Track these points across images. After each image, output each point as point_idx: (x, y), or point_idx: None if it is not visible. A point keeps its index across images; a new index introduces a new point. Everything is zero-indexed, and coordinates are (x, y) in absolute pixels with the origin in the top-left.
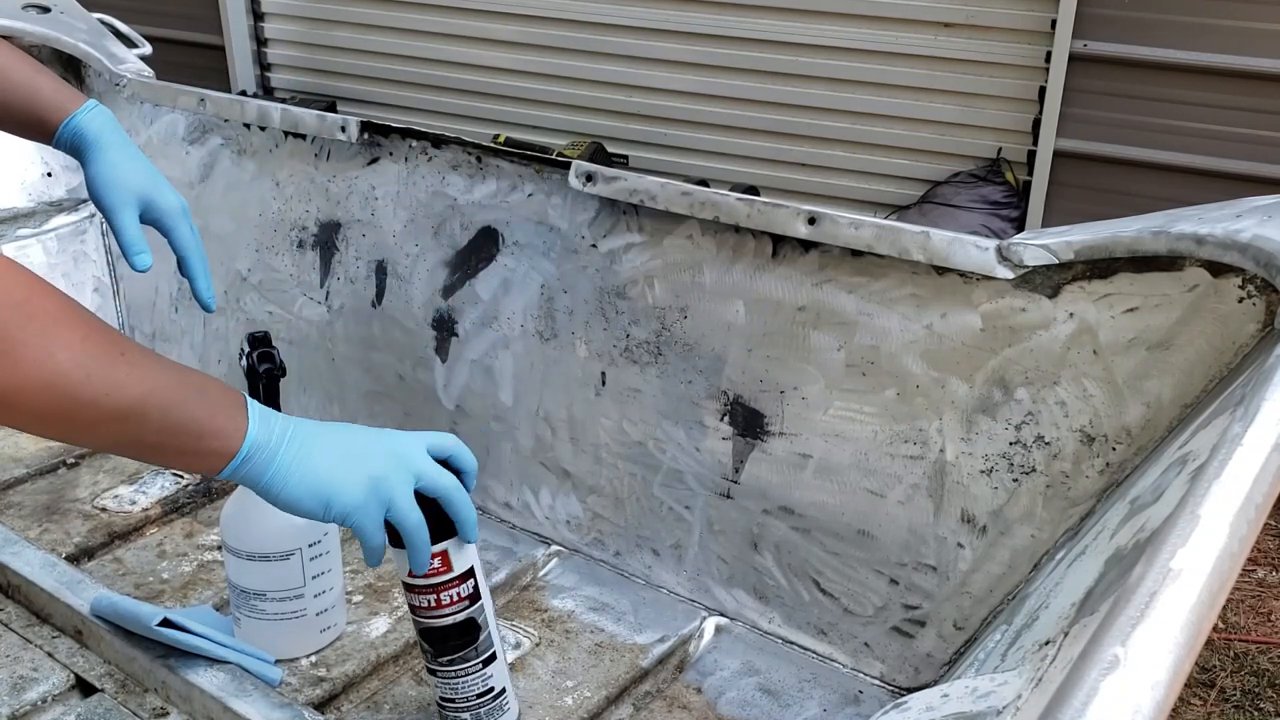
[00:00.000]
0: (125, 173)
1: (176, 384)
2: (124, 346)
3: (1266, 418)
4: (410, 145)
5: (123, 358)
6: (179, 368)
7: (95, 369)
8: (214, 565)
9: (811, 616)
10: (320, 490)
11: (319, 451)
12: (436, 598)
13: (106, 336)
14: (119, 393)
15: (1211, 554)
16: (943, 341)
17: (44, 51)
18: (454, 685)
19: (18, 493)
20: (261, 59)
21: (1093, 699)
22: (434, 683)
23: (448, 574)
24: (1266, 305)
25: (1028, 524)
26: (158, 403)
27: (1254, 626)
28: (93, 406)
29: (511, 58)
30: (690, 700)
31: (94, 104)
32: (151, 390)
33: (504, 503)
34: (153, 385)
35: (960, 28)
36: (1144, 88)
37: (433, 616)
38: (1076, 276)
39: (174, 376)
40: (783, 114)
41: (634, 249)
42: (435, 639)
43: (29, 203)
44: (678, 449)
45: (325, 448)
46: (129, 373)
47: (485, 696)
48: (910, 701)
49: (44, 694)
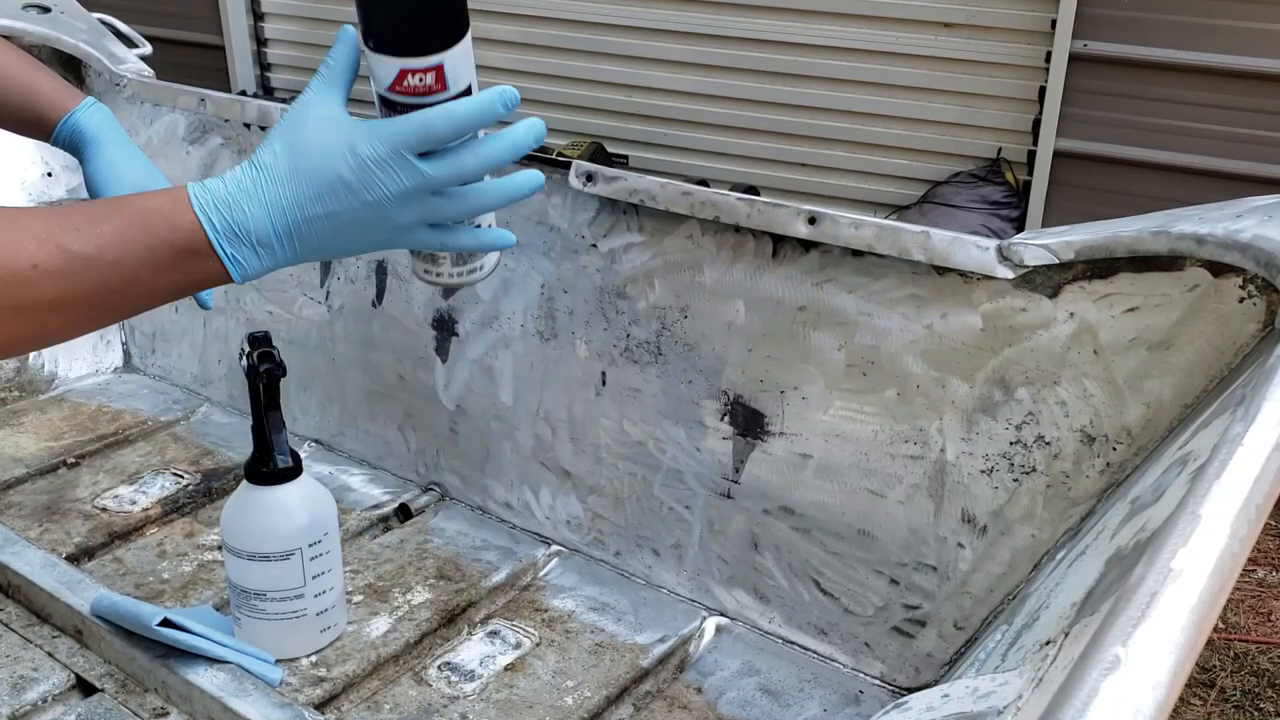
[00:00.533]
0: (124, 170)
1: (113, 272)
2: (31, 256)
3: (1267, 418)
4: None
5: (35, 270)
6: (99, 234)
7: None
8: (214, 565)
9: (812, 616)
10: None
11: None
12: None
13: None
14: (60, 305)
15: (1212, 554)
16: (943, 341)
17: (44, 51)
18: None
19: (18, 493)
20: (261, 59)
21: (1093, 699)
22: None
23: (442, 93)
24: (1267, 305)
25: (1028, 524)
26: (104, 299)
27: (1254, 626)
28: (42, 328)
29: (511, 58)
30: (690, 700)
31: (92, 101)
32: (90, 293)
33: (504, 503)
34: (89, 287)
35: (960, 28)
36: (1144, 88)
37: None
38: (1077, 276)
39: (105, 266)
40: (783, 114)
41: (634, 249)
42: None
43: (29, 202)
44: (678, 449)
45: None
46: (58, 265)
47: None
48: (911, 701)
49: (44, 694)
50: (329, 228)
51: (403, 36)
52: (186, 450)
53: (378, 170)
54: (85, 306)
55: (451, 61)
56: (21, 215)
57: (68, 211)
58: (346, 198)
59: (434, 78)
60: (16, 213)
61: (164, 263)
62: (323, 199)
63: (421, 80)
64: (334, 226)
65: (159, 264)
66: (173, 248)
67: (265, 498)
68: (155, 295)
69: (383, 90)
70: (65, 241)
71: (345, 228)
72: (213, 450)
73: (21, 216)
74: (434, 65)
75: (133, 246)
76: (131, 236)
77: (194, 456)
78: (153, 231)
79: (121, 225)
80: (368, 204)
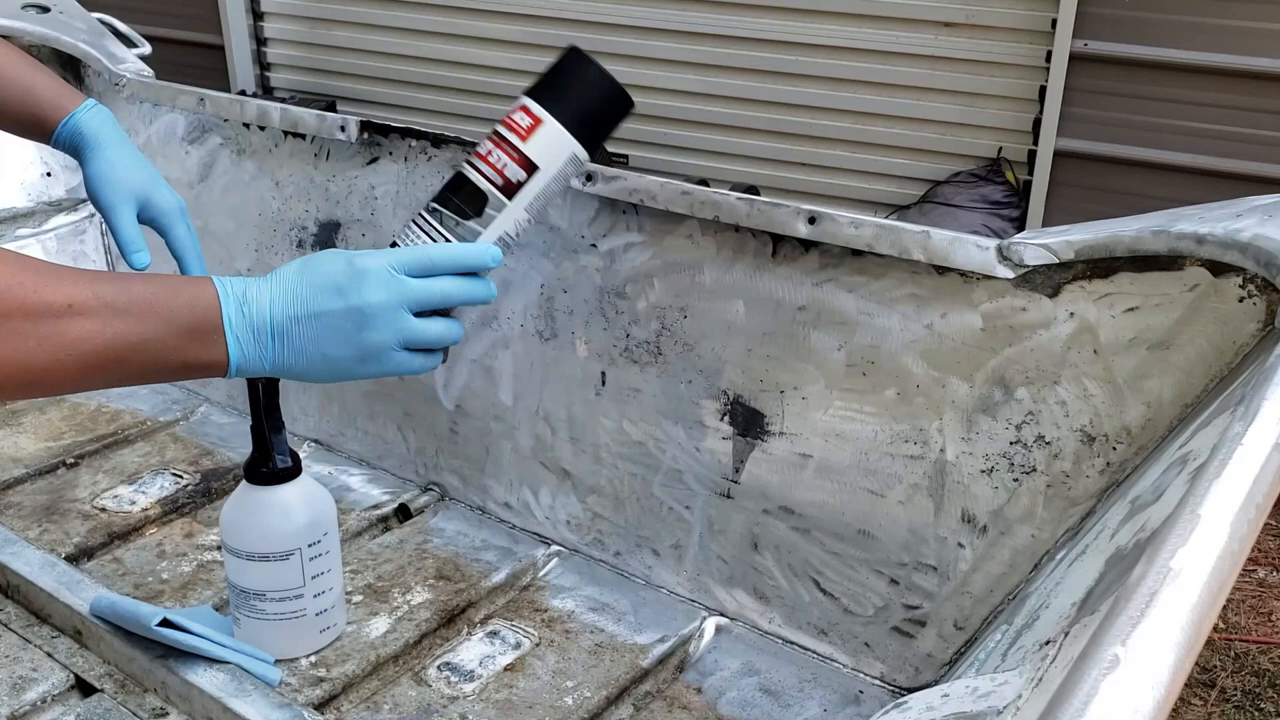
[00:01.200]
0: (123, 172)
1: (136, 326)
2: (69, 296)
3: (1267, 417)
4: (410, 145)
5: (70, 310)
6: (130, 292)
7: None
8: (214, 565)
9: (812, 616)
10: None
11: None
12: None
13: (43, 293)
14: (80, 347)
15: (1212, 554)
16: (943, 341)
17: (44, 51)
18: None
19: (17, 493)
20: (261, 59)
21: (1093, 699)
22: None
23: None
24: (1267, 305)
25: (1028, 524)
26: (119, 354)
27: (1254, 626)
28: (56, 370)
29: (511, 58)
30: (690, 700)
31: (93, 103)
32: (110, 342)
33: (504, 503)
34: (111, 335)
35: (961, 27)
36: (1144, 87)
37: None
38: (1077, 276)
39: (131, 319)
40: (783, 113)
41: (634, 249)
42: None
43: (29, 203)
44: (678, 449)
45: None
46: (81, 327)
47: None
48: (910, 701)
49: (44, 694)
50: (314, 329)
51: (576, 118)
52: (186, 450)
53: (368, 278)
54: (99, 355)
55: (541, 176)
56: (64, 267)
57: (105, 272)
58: (335, 299)
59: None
60: (60, 266)
61: (180, 331)
62: (315, 297)
63: (513, 153)
64: (318, 329)
65: (175, 330)
66: (191, 315)
67: (265, 498)
68: (159, 367)
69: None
70: (101, 290)
71: (327, 330)
72: (212, 450)
73: (64, 268)
74: (530, 161)
75: (158, 308)
76: (159, 299)
77: (193, 457)
78: (178, 297)
79: (151, 288)
80: (351, 308)
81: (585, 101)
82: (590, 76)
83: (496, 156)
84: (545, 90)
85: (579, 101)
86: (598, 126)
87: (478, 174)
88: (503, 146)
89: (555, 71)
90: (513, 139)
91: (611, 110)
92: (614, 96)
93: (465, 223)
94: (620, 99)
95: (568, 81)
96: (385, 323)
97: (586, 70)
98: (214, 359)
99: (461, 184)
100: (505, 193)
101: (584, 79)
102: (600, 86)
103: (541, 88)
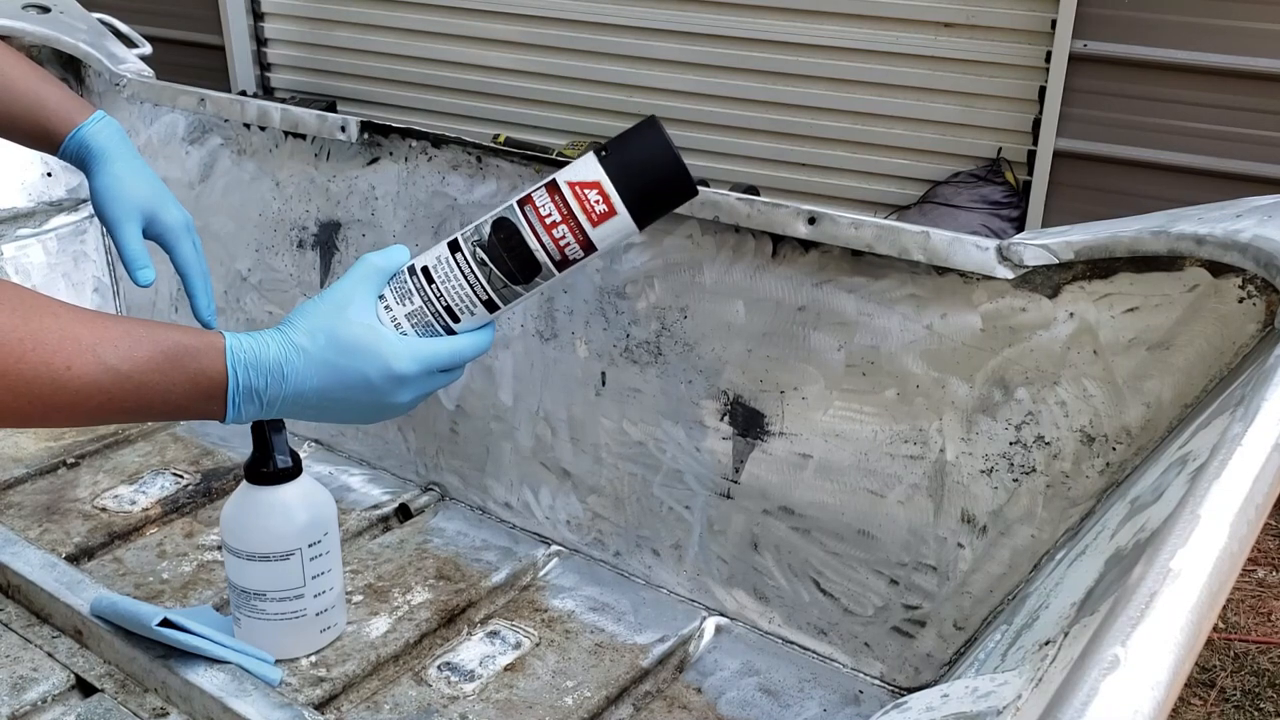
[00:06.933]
0: (130, 186)
1: (137, 385)
2: (68, 358)
3: (1266, 418)
4: (410, 145)
5: (68, 371)
6: (135, 358)
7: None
8: (214, 565)
9: (811, 616)
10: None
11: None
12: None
13: (42, 352)
14: (76, 409)
15: (1211, 554)
16: (943, 341)
17: (44, 51)
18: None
19: (18, 493)
20: (261, 59)
21: (1093, 699)
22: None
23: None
24: (1266, 305)
25: (1028, 524)
26: (113, 416)
27: (1254, 626)
28: (47, 421)
29: (511, 58)
30: (690, 700)
31: (102, 115)
32: (104, 405)
33: (504, 503)
34: (105, 400)
35: (960, 28)
36: (1144, 88)
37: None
38: (1076, 276)
39: (130, 386)
40: (783, 114)
41: (634, 249)
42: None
43: (29, 203)
44: (678, 449)
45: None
46: (81, 384)
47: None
48: (910, 701)
49: (44, 694)
50: (336, 409)
51: (638, 198)
52: (186, 450)
53: (407, 384)
54: (90, 416)
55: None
56: (71, 319)
57: (113, 324)
58: (366, 394)
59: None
60: (67, 315)
61: (179, 397)
62: (346, 391)
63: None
64: (341, 408)
65: (175, 396)
66: (195, 387)
67: (265, 498)
68: (150, 416)
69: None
70: (104, 355)
71: (349, 409)
72: (212, 450)
73: (70, 321)
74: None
75: (160, 378)
76: (163, 369)
77: (194, 456)
78: (182, 369)
79: (157, 356)
80: (384, 404)
81: (657, 193)
82: (667, 165)
83: (561, 231)
84: (621, 172)
85: (651, 191)
86: (657, 214)
87: (537, 243)
88: (569, 223)
89: (632, 147)
90: (582, 220)
91: (676, 201)
92: (684, 190)
93: (513, 286)
94: (688, 192)
95: (645, 168)
96: (409, 393)
97: (664, 156)
98: (208, 414)
99: (517, 245)
100: (559, 267)
101: (660, 166)
102: (675, 180)
103: (617, 166)
